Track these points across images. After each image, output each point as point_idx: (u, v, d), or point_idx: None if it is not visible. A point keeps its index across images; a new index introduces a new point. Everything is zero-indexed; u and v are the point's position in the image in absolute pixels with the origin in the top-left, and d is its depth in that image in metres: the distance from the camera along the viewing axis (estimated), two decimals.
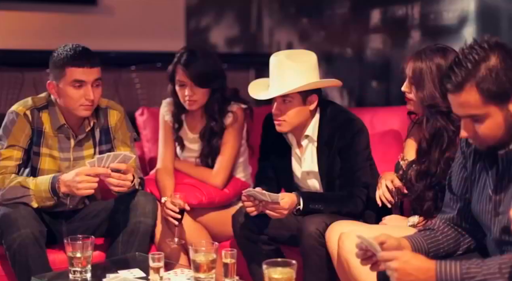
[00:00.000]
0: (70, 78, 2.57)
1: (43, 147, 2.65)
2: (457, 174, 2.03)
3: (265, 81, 2.68)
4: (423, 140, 2.36)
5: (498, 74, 1.74)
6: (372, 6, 3.68)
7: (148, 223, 2.65)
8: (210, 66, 2.94)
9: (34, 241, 2.47)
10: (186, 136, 3.10)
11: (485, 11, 3.20)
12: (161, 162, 3.06)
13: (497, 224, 1.87)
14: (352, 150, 2.59)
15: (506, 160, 1.84)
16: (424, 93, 2.33)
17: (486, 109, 1.77)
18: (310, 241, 2.43)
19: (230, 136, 3.02)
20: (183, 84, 2.93)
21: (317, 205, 2.53)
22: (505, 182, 1.85)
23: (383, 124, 3.16)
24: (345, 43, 3.84)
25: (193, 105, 2.95)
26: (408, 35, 3.52)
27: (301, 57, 2.60)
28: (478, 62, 1.75)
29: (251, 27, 4.46)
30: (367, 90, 3.52)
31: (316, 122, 2.64)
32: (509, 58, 1.76)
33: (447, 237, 2.03)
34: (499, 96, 1.75)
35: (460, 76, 1.76)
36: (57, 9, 4.09)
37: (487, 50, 1.76)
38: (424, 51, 2.38)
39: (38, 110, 2.65)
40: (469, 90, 1.76)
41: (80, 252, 2.21)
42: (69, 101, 2.60)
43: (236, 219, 2.68)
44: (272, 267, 1.87)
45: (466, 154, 1.99)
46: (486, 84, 1.74)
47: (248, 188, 2.54)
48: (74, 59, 2.57)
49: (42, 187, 2.52)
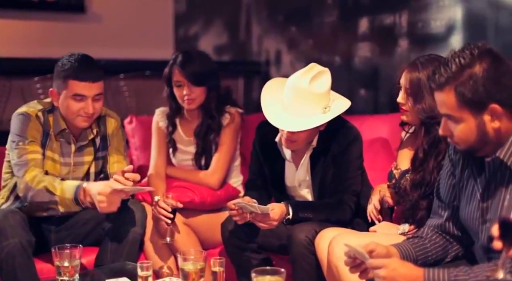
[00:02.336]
0: (71, 91, 2.60)
1: (48, 150, 2.67)
2: (445, 182, 2.04)
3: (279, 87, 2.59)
4: (420, 149, 2.35)
5: (477, 83, 1.76)
6: (360, 15, 3.70)
7: (137, 232, 2.65)
8: (205, 65, 3.03)
9: (22, 250, 2.45)
10: (181, 138, 3.13)
11: (472, 19, 3.22)
12: (153, 168, 3.09)
13: (484, 231, 1.87)
14: (345, 158, 2.59)
15: (493, 167, 1.85)
16: (423, 105, 2.31)
17: (460, 113, 1.80)
18: (299, 249, 2.42)
19: (227, 136, 3.06)
20: (180, 84, 3.00)
21: (306, 213, 2.53)
22: (492, 189, 1.86)
23: (371, 132, 3.16)
24: (334, 51, 3.85)
25: (192, 103, 3.01)
26: (396, 44, 3.54)
27: (319, 82, 2.50)
28: (463, 67, 1.78)
29: (239, 35, 4.46)
30: (355, 98, 3.53)
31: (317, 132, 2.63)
32: (494, 70, 1.77)
33: (435, 245, 2.04)
34: (473, 104, 1.77)
35: (443, 77, 1.80)
36: (45, 17, 4.08)
37: (475, 57, 1.78)
38: (420, 61, 2.36)
39: (47, 112, 2.69)
40: (447, 92, 1.80)
41: (68, 261, 2.20)
42: (67, 112, 2.64)
43: (225, 227, 2.67)
44: (260, 275, 1.86)
45: (454, 161, 2.00)
46: (463, 89, 1.77)
47: (238, 200, 2.54)
48: (78, 72, 2.59)
49: (67, 195, 2.54)
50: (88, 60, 2.65)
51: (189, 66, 2.98)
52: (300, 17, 4.07)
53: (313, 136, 2.60)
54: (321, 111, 2.50)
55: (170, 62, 3.04)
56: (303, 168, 2.67)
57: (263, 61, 4.30)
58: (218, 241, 2.79)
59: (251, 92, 4.26)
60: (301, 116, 2.48)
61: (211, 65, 3.07)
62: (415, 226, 2.35)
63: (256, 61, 4.34)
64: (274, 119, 2.51)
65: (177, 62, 3.00)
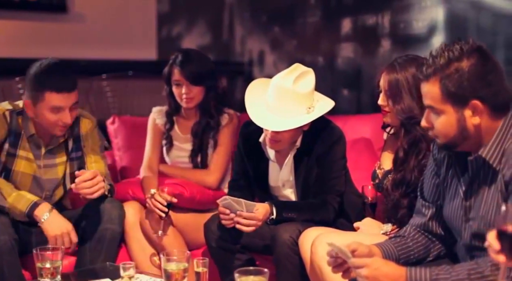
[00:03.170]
0: (48, 104, 2.54)
1: (20, 149, 2.64)
2: (429, 181, 2.05)
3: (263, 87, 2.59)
4: (401, 149, 2.37)
5: (461, 78, 1.78)
6: (343, 15, 3.71)
7: (115, 230, 2.65)
8: (203, 66, 3.08)
9: (11, 248, 2.45)
10: (177, 136, 3.16)
11: (453, 20, 3.24)
12: (147, 163, 3.12)
13: (467, 229, 1.89)
14: (329, 158, 2.60)
15: (476, 166, 1.86)
16: (402, 105, 2.33)
17: (442, 105, 1.82)
18: (283, 249, 2.43)
19: (226, 137, 3.09)
20: (179, 83, 3.04)
21: (290, 213, 2.54)
22: (475, 188, 1.87)
23: (354, 132, 3.18)
24: (317, 51, 3.86)
25: (190, 102, 3.05)
26: (378, 44, 3.55)
27: (303, 83, 2.51)
28: (451, 60, 1.80)
29: (223, 35, 4.46)
30: (338, 98, 3.54)
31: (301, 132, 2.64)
32: (481, 67, 1.79)
33: (417, 244, 2.05)
34: (456, 98, 1.79)
35: (431, 68, 1.82)
36: (27, 16, 4.05)
37: (464, 52, 1.80)
38: (397, 62, 2.38)
39: (16, 113, 2.64)
40: (433, 83, 1.82)
41: (50, 262, 2.18)
42: (45, 122, 2.60)
43: (209, 228, 2.66)
44: (244, 275, 1.86)
45: (438, 161, 2.01)
46: (448, 82, 1.79)
47: (224, 196, 2.54)
48: (54, 84, 2.52)
49: (19, 207, 2.51)
50: (62, 69, 2.57)
51: (188, 66, 3.02)
52: (283, 17, 4.08)
53: (297, 136, 2.60)
54: (305, 111, 2.50)
55: (170, 62, 3.08)
56: (287, 168, 2.67)
57: (246, 61, 4.30)
58: (204, 242, 2.79)
59: (234, 93, 4.26)
60: (285, 116, 2.48)
61: (210, 65, 3.12)
62: (397, 225, 2.37)
63: (239, 62, 4.34)
64: (258, 119, 2.52)
65: (176, 62, 3.04)
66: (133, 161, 3.31)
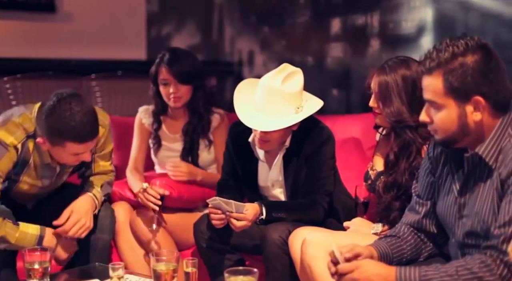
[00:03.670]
0: (69, 151, 2.38)
1: (24, 176, 2.52)
2: (423, 179, 2.05)
3: (252, 87, 2.58)
4: (391, 152, 2.37)
5: (466, 73, 1.77)
6: (333, 15, 3.72)
7: (106, 239, 2.64)
8: (192, 64, 3.07)
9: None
10: (165, 136, 3.15)
11: (442, 20, 3.26)
12: (133, 162, 3.13)
13: (461, 226, 1.89)
14: (318, 158, 2.60)
15: (472, 162, 1.86)
16: (391, 109, 2.33)
17: (444, 100, 1.80)
18: (273, 249, 2.43)
19: (221, 136, 3.07)
20: (167, 82, 3.02)
21: (279, 213, 2.54)
22: (470, 185, 1.87)
23: (343, 132, 3.19)
24: (306, 51, 3.87)
25: (178, 101, 3.04)
26: (367, 44, 3.56)
27: (292, 82, 2.50)
28: (455, 54, 1.79)
29: (212, 35, 4.46)
30: (327, 98, 3.54)
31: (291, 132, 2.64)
32: (485, 63, 1.78)
33: (410, 246, 2.05)
34: (459, 93, 1.78)
35: (434, 62, 1.80)
36: (15, 16, 4.03)
37: (470, 48, 1.79)
38: (387, 64, 2.38)
39: (28, 137, 2.44)
40: (436, 76, 1.80)
41: (38, 263, 2.17)
42: (61, 159, 2.48)
43: (198, 228, 2.66)
44: (233, 275, 1.86)
45: (433, 159, 2.01)
46: (451, 76, 1.78)
47: (214, 197, 2.53)
48: (79, 136, 2.33)
49: (26, 246, 2.35)
50: (90, 120, 2.34)
51: (176, 64, 3.01)
52: (272, 17, 4.08)
53: (286, 136, 2.60)
54: (294, 111, 2.51)
55: (157, 61, 3.06)
56: (276, 168, 2.67)
57: (235, 61, 4.30)
58: (193, 242, 2.79)
59: (223, 93, 4.26)
60: (274, 116, 2.48)
61: (197, 64, 3.11)
62: (389, 226, 2.37)
63: (228, 62, 4.34)
64: (247, 120, 2.51)
65: (164, 61, 3.03)
66: (123, 161, 3.29)
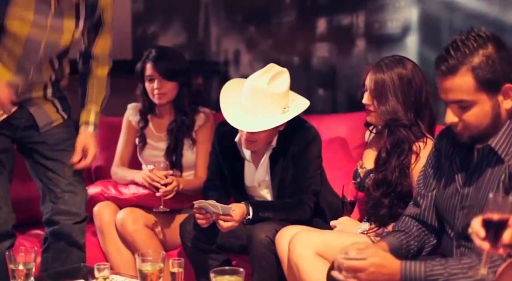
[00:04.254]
0: None
1: (12, 6, 2.32)
2: (428, 172, 2.04)
3: (238, 88, 2.59)
4: (383, 150, 2.37)
5: (494, 63, 1.76)
6: (318, 15, 3.72)
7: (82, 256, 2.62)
8: (177, 61, 3.08)
9: None
10: (151, 134, 3.14)
11: (427, 20, 3.28)
12: (119, 159, 3.14)
13: (461, 217, 1.89)
14: (305, 158, 2.61)
15: (482, 155, 1.86)
16: (387, 107, 2.33)
17: (476, 96, 1.78)
18: (260, 249, 2.43)
19: (205, 136, 3.07)
20: (152, 78, 3.03)
21: (266, 213, 2.54)
22: (475, 176, 1.87)
23: (329, 132, 3.19)
24: (292, 51, 3.87)
25: (162, 98, 3.03)
26: (353, 44, 3.57)
27: (278, 83, 2.51)
28: (476, 48, 1.77)
29: (198, 35, 4.45)
30: (314, 97, 3.54)
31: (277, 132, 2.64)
32: (504, 50, 1.78)
33: (415, 238, 2.04)
34: (492, 85, 1.76)
35: (457, 60, 1.77)
36: None
37: (485, 38, 1.78)
38: (384, 62, 2.38)
39: None
40: (464, 74, 1.77)
41: (23, 264, 2.16)
42: None
43: (184, 228, 2.66)
44: (219, 275, 1.86)
45: (440, 152, 2.00)
46: (481, 70, 1.76)
47: (200, 200, 2.52)
48: None
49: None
50: None
51: (162, 61, 3.02)
52: (258, 17, 4.08)
53: (272, 136, 2.60)
54: (280, 111, 2.51)
55: (143, 58, 3.08)
56: (262, 168, 2.67)
57: (221, 61, 4.30)
58: (180, 242, 2.79)
59: (209, 92, 4.25)
60: (260, 116, 2.48)
61: (183, 62, 3.12)
62: (377, 224, 2.38)
63: (215, 61, 4.33)
64: (234, 120, 2.51)
65: (149, 57, 3.04)
66: (108, 161, 3.29)
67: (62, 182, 2.57)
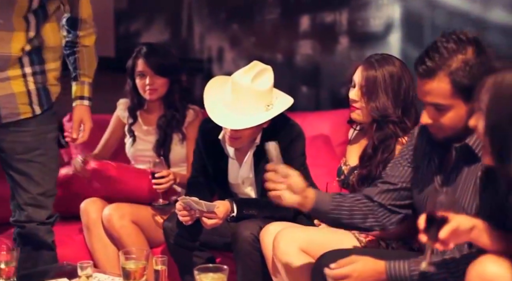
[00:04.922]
0: None
1: None
2: (401, 166, 2.04)
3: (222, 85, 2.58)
4: (370, 145, 2.37)
5: (472, 68, 1.74)
6: (302, 13, 3.73)
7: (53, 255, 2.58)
8: (168, 57, 3.11)
9: None
10: (140, 128, 3.15)
11: (409, 18, 3.29)
12: (100, 150, 3.19)
13: None
14: (288, 155, 2.59)
15: (460, 153, 1.87)
16: (377, 103, 2.33)
17: (452, 100, 1.78)
18: (244, 246, 2.43)
19: (194, 132, 3.04)
20: (143, 74, 3.05)
21: (250, 210, 2.54)
22: (453, 175, 1.88)
23: (313, 129, 3.20)
24: (275, 48, 3.87)
25: (153, 94, 3.05)
26: (336, 41, 3.58)
27: (262, 80, 2.51)
28: (455, 51, 1.75)
29: (181, 32, 4.44)
30: (297, 95, 3.55)
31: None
32: (483, 55, 1.76)
33: (355, 209, 2.04)
34: (468, 90, 1.73)
35: (435, 63, 1.76)
36: None
37: (465, 42, 1.76)
38: (375, 59, 2.37)
39: None
40: (441, 79, 1.76)
41: (5, 263, 2.15)
42: None
43: (167, 225, 2.65)
44: (203, 273, 1.86)
45: (415, 148, 2.00)
46: (459, 76, 1.74)
47: (184, 196, 2.52)
48: None
49: None
50: None
51: (153, 57, 3.05)
52: (242, 14, 4.08)
53: (256, 133, 2.60)
54: (264, 109, 2.51)
55: (134, 54, 3.09)
56: (246, 165, 2.67)
57: (205, 58, 4.29)
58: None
59: (193, 90, 4.24)
60: (244, 114, 2.48)
61: (174, 59, 3.15)
62: None
63: (198, 59, 4.32)
64: (217, 118, 2.51)
65: (141, 53, 3.07)
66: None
67: (26, 195, 2.46)
